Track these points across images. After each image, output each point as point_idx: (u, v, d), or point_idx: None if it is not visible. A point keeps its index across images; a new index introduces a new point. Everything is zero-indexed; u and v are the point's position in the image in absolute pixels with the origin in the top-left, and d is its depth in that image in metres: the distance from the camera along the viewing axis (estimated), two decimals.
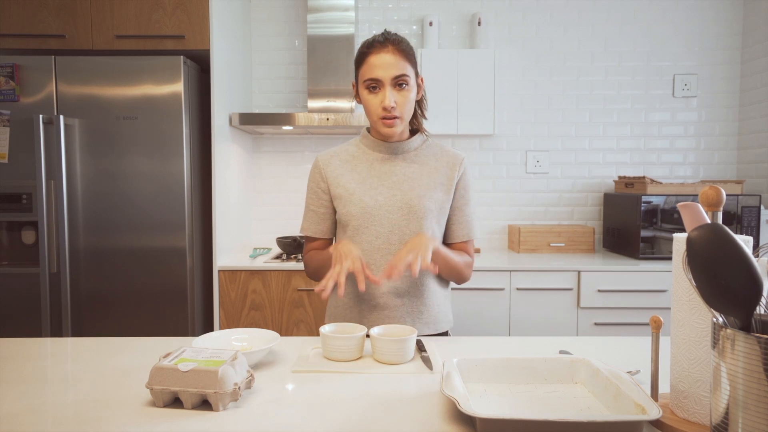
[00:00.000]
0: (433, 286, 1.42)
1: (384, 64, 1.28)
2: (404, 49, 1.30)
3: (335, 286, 1.29)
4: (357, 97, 1.39)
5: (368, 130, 1.45)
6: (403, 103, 1.30)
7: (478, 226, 1.44)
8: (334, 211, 1.44)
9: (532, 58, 3.09)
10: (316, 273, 1.44)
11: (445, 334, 1.48)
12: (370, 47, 1.31)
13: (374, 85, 1.30)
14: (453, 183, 1.39)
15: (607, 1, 3.06)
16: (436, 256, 1.28)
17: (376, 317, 1.39)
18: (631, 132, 3.11)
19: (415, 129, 1.45)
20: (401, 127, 1.34)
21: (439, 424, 0.87)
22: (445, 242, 1.45)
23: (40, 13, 2.37)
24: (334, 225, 1.47)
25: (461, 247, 1.43)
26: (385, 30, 1.36)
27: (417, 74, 1.36)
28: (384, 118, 1.31)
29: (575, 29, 3.07)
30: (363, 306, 1.40)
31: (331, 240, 1.50)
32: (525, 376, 1.03)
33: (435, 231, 1.38)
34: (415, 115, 1.42)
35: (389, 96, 1.28)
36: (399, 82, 1.29)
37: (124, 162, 2.33)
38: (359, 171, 1.40)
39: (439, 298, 1.44)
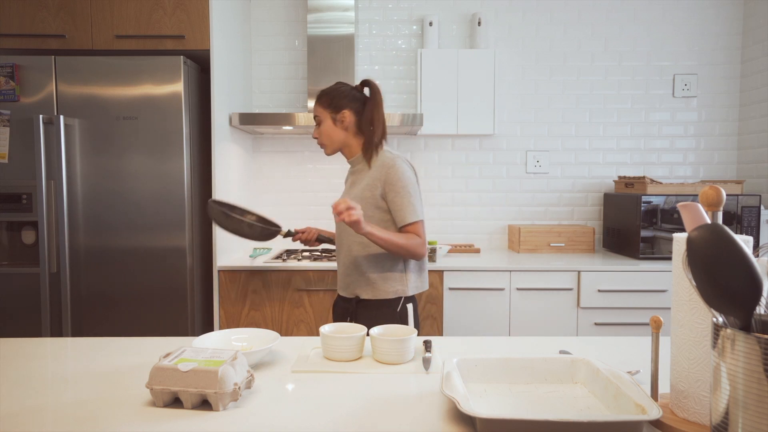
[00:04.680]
0: (355, 263, 1.73)
1: (313, 110, 1.83)
2: (319, 99, 1.77)
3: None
4: None
5: None
6: (320, 134, 1.78)
7: (414, 211, 1.68)
8: None
9: (532, 58, 3.09)
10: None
11: (391, 302, 1.72)
12: None
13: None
14: (380, 183, 1.70)
15: (607, 1, 3.06)
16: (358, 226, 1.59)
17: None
18: (631, 132, 3.11)
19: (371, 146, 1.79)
20: (328, 150, 1.79)
21: (439, 424, 0.87)
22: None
23: (40, 13, 2.37)
24: None
25: (405, 230, 1.70)
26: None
27: (335, 113, 1.74)
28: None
29: (575, 29, 3.07)
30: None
31: None
32: (525, 376, 1.03)
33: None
34: (370, 137, 1.76)
35: (315, 130, 1.80)
36: (317, 122, 1.79)
37: (124, 162, 2.33)
38: (347, 183, 1.86)
39: (365, 272, 1.72)
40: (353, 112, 1.75)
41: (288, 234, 1.85)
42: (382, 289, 1.72)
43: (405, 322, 1.74)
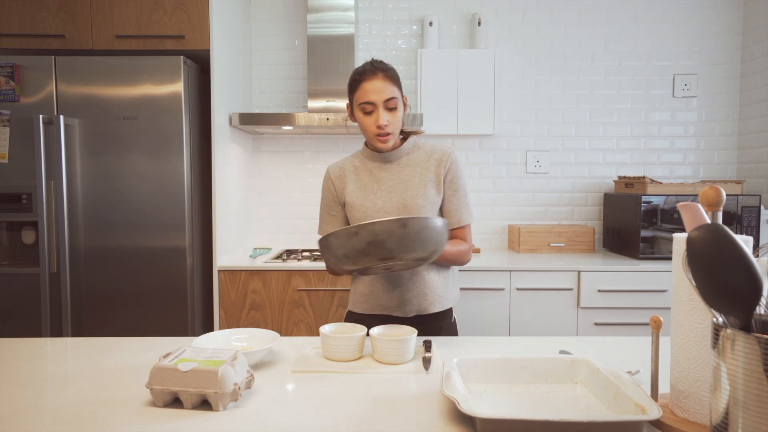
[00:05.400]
0: (417, 274, 1.51)
1: (376, 89, 1.44)
2: (392, 76, 1.47)
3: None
4: (351, 116, 1.55)
5: (366, 143, 1.59)
6: (393, 121, 1.47)
7: (470, 211, 1.54)
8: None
9: (532, 58, 3.09)
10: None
11: (449, 312, 1.58)
12: (362, 75, 1.46)
13: (369, 109, 1.46)
14: (441, 178, 1.51)
15: (607, 1, 3.06)
16: None
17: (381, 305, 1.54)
18: (631, 132, 3.11)
19: (407, 133, 1.59)
20: (393, 141, 1.50)
21: (439, 424, 0.87)
22: None
23: (40, 13, 2.37)
24: (347, 224, 1.62)
25: (456, 233, 1.55)
26: (373, 59, 1.51)
27: (402, 95, 1.51)
28: (378, 135, 1.47)
29: (575, 29, 3.07)
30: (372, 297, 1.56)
31: None
32: (525, 376, 1.03)
33: None
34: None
35: (382, 116, 1.45)
36: (389, 106, 1.45)
37: (124, 162, 2.32)
38: (361, 179, 1.56)
39: (430, 282, 1.52)
40: None
41: None
42: (445, 297, 1.54)
43: (456, 330, 1.62)
